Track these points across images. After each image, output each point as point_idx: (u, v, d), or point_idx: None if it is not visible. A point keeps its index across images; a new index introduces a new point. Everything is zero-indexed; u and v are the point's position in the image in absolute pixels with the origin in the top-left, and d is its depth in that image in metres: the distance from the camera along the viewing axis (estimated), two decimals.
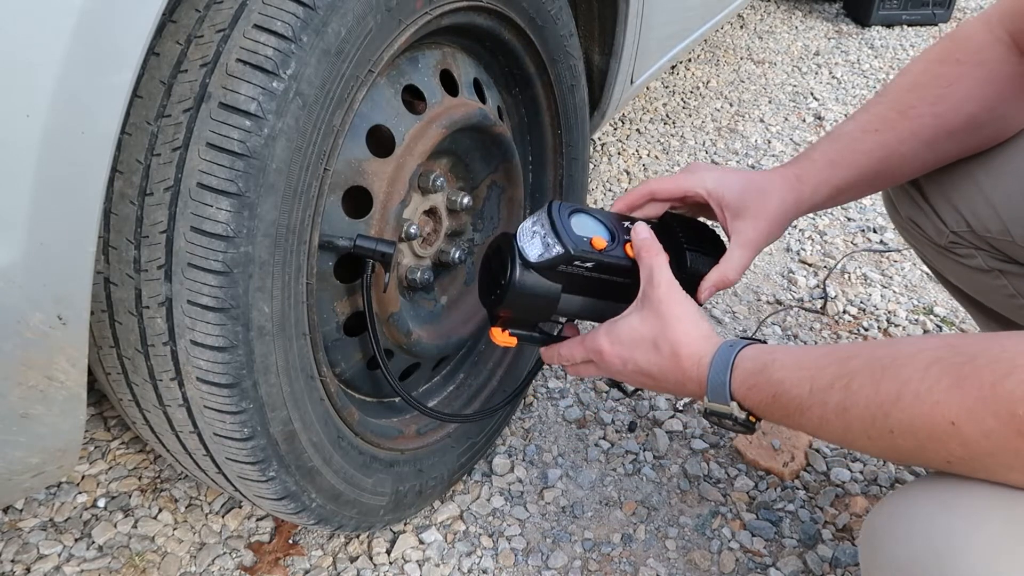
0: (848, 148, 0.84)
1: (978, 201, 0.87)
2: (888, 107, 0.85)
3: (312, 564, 1.07)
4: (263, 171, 0.67)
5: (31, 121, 0.52)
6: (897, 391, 0.55)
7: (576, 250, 0.77)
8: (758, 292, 1.70)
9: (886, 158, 0.84)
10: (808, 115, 2.56)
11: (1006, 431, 0.49)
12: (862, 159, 0.84)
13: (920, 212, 0.95)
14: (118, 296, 0.70)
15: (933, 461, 0.56)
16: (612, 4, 1.33)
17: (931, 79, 0.83)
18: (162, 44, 0.66)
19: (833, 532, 1.14)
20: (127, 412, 0.81)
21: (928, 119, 0.82)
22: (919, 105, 0.83)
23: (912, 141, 0.84)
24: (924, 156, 0.86)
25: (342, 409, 0.89)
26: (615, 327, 0.78)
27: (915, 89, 0.84)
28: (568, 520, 1.15)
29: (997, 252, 0.90)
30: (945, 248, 0.95)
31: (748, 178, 0.84)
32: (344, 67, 0.73)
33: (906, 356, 0.56)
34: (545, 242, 0.79)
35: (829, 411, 0.60)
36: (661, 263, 0.77)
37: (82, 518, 1.10)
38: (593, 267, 0.79)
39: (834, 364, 0.61)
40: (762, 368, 0.67)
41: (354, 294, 0.91)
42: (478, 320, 1.15)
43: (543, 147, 1.21)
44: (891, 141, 0.84)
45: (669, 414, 1.34)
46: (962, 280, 1.00)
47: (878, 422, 0.56)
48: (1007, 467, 0.51)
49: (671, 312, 0.73)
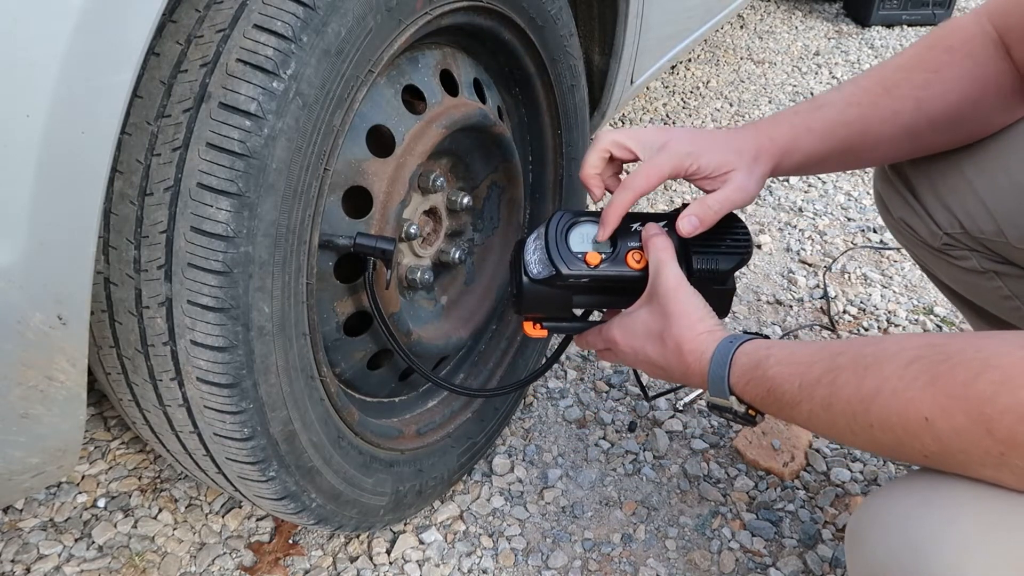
0: (828, 118, 0.83)
1: (970, 201, 0.87)
2: (875, 82, 0.84)
3: (312, 564, 1.07)
4: (263, 171, 0.67)
5: (31, 121, 0.52)
6: (877, 387, 0.57)
7: (567, 271, 0.80)
8: (758, 292, 1.70)
9: (862, 134, 0.83)
10: None
11: (976, 429, 0.51)
12: (840, 130, 0.83)
13: (912, 213, 0.95)
14: (118, 296, 0.70)
15: (911, 456, 0.57)
16: (612, 4, 1.33)
17: (919, 62, 0.83)
18: (162, 44, 0.66)
19: (833, 532, 1.14)
20: (127, 412, 0.81)
21: (910, 102, 0.82)
22: (904, 85, 0.82)
23: (892, 123, 0.83)
24: (900, 142, 0.85)
25: (342, 409, 0.89)
26: (627, 320, 0.81)
27: (902, 69, 0.83)
28: (568, 520, 1.15)
29: (991, 253, 0.90)
30: (939, 250, 0.95)
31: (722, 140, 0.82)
32: (344, 67, 0.73)
33: (889, 354, 0.58)
34: (541, 260, 0.82)
35: (816, 406, 0.62)
36: (668, 259, 0.78)
37: (82, 518, 1.10)
38: (590, 280, 0.82)
39: (824, 360, 0.62)
40: (757, 364, 0.68)
41: (354, 294, 0.91)
42: (478, 320, 1.15)
43: (543, 147, 1.21)
44: (871, 118, 0.83)
45: (669, 414, 1.34)
46: (956, 282, 0.99)
47: (859, 417, 0.58)
48: (979, 463, 0.53)
49: (676, 309, 0.75)
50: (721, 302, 0.83)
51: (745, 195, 0.81)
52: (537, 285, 0.83)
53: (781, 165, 0.83)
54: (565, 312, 0.88)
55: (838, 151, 0.84)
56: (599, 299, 0.87)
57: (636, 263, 0.82)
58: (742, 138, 0.82)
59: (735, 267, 0.83)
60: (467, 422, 1.15)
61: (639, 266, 0.81)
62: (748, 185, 0.80)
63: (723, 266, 0.82)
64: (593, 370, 1.45)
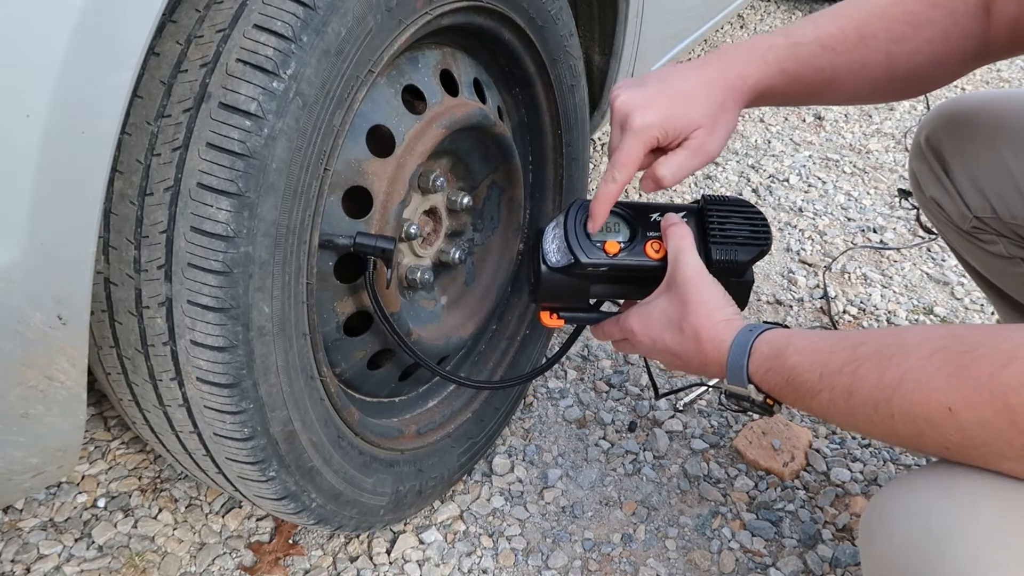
0: (802, 61, 0.81)
1: (1006, 185, 0.86)
2: (853, 26, 0.81)
3: (312, 564, 1.07)
4: (263, 171, 0.67)
5: (31, 121, 0.52)
6: (900, 378, 0.56)
7: (586, 259, 0.80)
8: (758, 292, 1.70)
9: (830, 80, 0.82)
10: (808, 115, 2.56)
11: (1000, 420, 0.51)
12: (811, 74, 0.81)
13: (945, 193, 0.95)
14: (118, 296, 0.70)
15: (931, 447, 0.57)
16: (612, 4, 1.33)
17: (902, 13, 0.80)
18: (162, 44, 0.66)
19: (833, 532, 1.14)
20: (127, 412, 0.81)
21: (882, 55, 0.80)
22: (881, 36, 0.80)
23: (859, 74, 0.81)
24: (860, 91, 0.84)
25: (342, 409, 0.89)
26: (645, 309, 0.81)
27: (883, 18, 0.80)
28: (568, 520, 1.15)
29: (1020, 239, 0.89)
30: (968, 233, 0.94)
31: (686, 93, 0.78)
32: (344, 67, 0.73)
33: (912, 345, 0.57)
34: (560, 249, 0.82)
35: (837, 395, 0.62)
36: (687, 247, 0.78)
37: (82, 518, 1.10)
38: (609, 269, 0.82)
39: (845, 350, 0.62)
40: (778, 353, 0.68)
41: (354, 294, 0.91)
42: (478, 320, 1.15)
43: (543, 147, 1.21)
44: (840, 66, 0.81)
45: (669, 414, 1.34)
46: (983, 265, 0.99)
47: (880, 407, 0.58)
48: (1001, 455, 0.53)
49: (695, 297, 0.75)
50: (740, 295, 0.83)
51: (704, 156, 0.79)
52: (555, 273, 0.83)
53: (750, 104, 0.82)
54: (582, 302, 0.88)
55: (802, 93, 0.83)
56: (617, 288, 0.87)
57: (655, 253, 0.82)
58: (709, 81, 0.79)
59: (754, 258, 0.84)
60: (467, 422, 1.15)
61: (658, 256, 0.82)
62: (708, 145, 0.78)
63: (742, 257, 0.83)
64: (593, 370, 1.45)
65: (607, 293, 0.88)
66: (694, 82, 0.79)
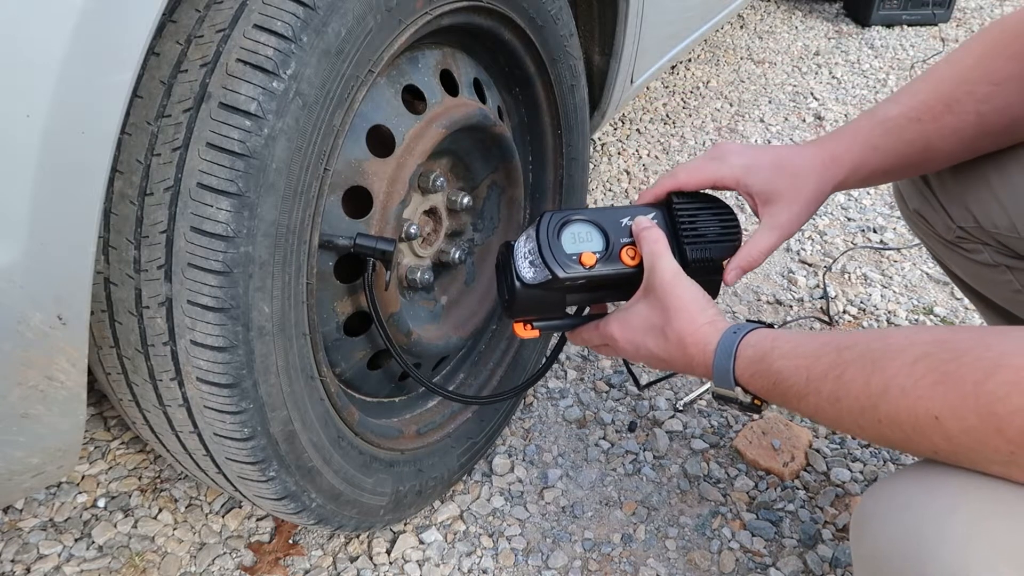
0: (892, 135, 0.83)
1: (987, 198, 0.87)
2: (935, 97, 0.82)
3: (312, 564, 1.07)
4: (263, 171, 0.67)
5: (31, 121, 0.52)
6: (885, 384, 0.57)
7: (564, 274, 0.79)
8: (758, 292, 1.70)
9: (924, 149, 0.83)
10: (808, 115, 2.56)
11: (986, 428, 0.51)
12: (903, 147, 0.83)
13: (928, 206, 0.95)
14: (118, 296, 0.70)
15: (920, 451, 0.57)
16: (612, 4, 1.33)
17: (981, 75, 0.81)
18: (162, 44, 0.66)
19: (833, 532, 1.14)
20: (127, 412, 0.81)
21: (972, 117, 0.81)
22: (966, 101, 0.81)
23: (952, 138, 0.82)
24: (959, 152, 0.85)
25: (342, 409, 0.89)
26: (625, 314, 0.80)
27: (964, 84, 0.81)
28: (568, 520, 1.15)
29: (1003, 248, 0.90)
30: (952, 243, 0.95)
31: (779, 161, 0.83)
32: (344, 67, 0.73)
33: (896, 350, 0.58)
34: (534, 265, 0.81)
35: (823, 400, 0.62)
36: (662, 251, 0.78)
37: (82, 518, 1.10)
38: (587, 281, 0.81)
39: (830, 354, 0.63)
40: (763, 356, 0.68)
41: (354, 294, 0.91)
42: (478, 320, 1.15)
43: (543, 147, 1.21)
44: (932, 134, 0.82)
45: (669, 414, 1.34)
46: (968, 274, 0.99)
47: (867, 413, 0.58)
48: (988, 460, 0.53)
49: (675, 303, 0.75)
50: (712, 289, 0.83)
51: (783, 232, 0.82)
52: (532, 290, 0.81)
53: (846, 182, 0.84)
54: (558, 311, 0.87)
55: (900, 166, 0.85)
56: (593, 296, 0.86)
57: (631, 259, 0.81)
58: (801, 158, 0.83)
59: (728, 255, 0.84)
60: (467, 422, 1.15)
61: (634, 262, 0.81)
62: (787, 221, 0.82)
63: (717, 255, 0.83)
64: (593, 370, 1.45)
65: (584, 301, 0.87)
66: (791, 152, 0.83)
